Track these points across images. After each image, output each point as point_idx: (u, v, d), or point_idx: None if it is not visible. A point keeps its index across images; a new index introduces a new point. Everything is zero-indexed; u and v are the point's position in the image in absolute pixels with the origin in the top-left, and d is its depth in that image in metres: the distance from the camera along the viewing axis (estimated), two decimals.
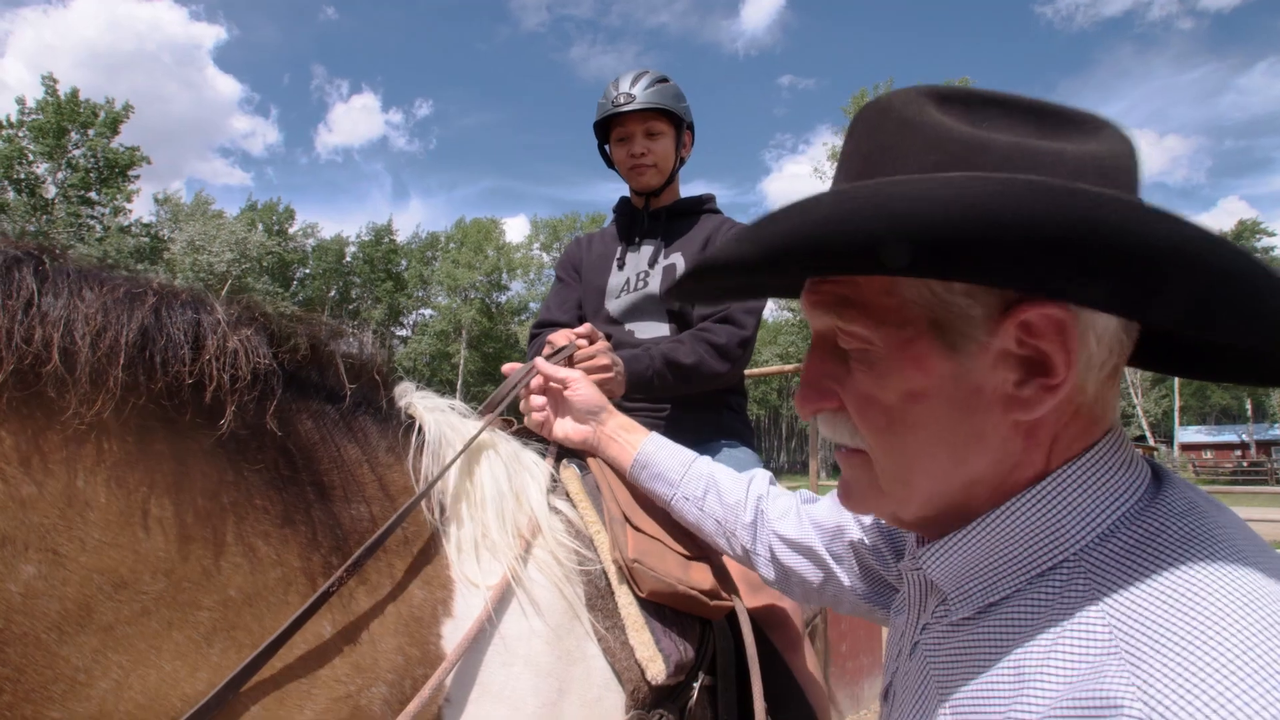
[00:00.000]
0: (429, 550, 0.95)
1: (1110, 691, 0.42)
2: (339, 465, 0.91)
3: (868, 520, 0.96)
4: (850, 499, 0.65)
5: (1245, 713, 0.37)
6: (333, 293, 52.32)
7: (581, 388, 1.26)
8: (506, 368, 1.36)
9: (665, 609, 1.09)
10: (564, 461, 1.29)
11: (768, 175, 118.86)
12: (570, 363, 1.41)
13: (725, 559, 1.22)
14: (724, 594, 1.15)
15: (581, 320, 1.98)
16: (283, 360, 0.88)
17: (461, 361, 48.40)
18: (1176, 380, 50.82)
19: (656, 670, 1.00)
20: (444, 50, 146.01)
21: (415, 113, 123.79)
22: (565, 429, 1.27)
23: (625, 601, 1.06)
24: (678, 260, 1.90)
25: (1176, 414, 51.76)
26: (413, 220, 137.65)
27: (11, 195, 34.04)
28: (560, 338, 1.45)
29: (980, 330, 0.52)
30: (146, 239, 37.60)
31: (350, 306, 53.08)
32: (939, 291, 0.52)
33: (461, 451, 1.03)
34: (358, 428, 0.97)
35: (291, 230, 49.78)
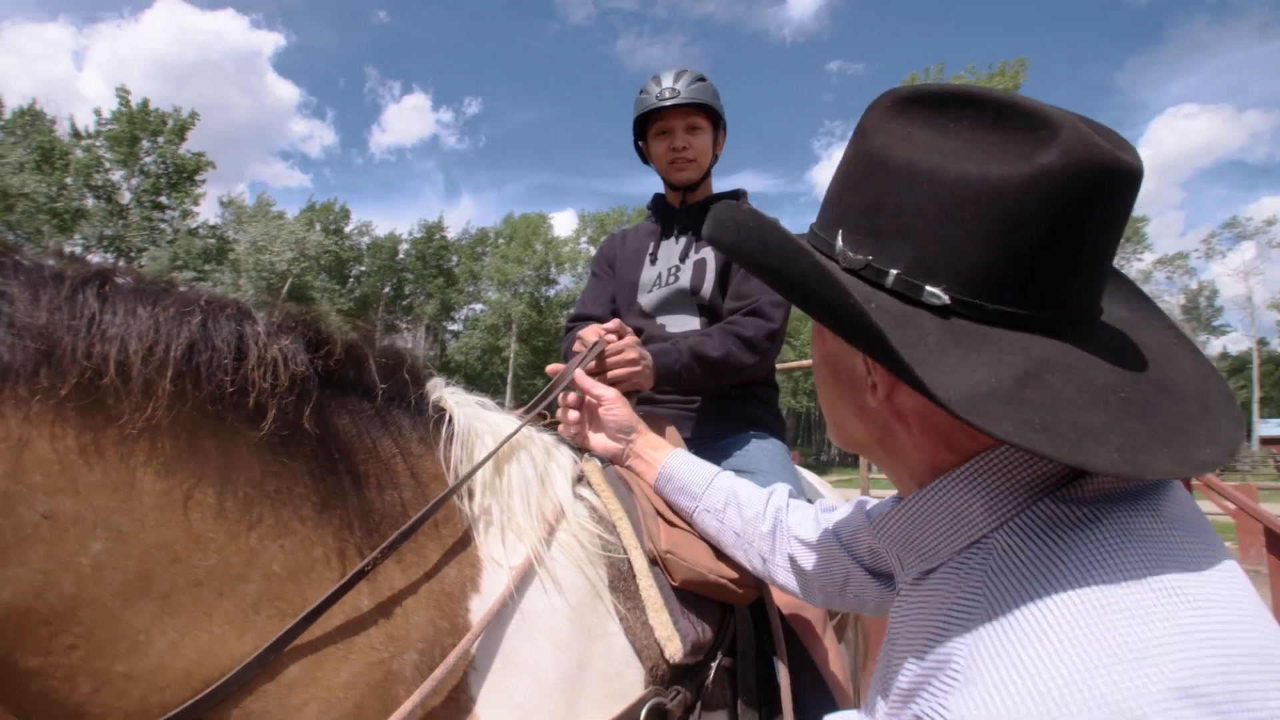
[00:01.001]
0: (458, 532, 1.02)
1: (949, 652, 0.52)
2: (374, 456, 0.98)
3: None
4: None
5: (1055, 701, 0.43)
6: (387, 289, 53.77)
7: (615, 408, 1.32)
8: (551, 368, 1.43)
9: (685, 593, 1.13)
10: (586, 455, 1.34)
11: (816, 164, 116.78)
12: (601, 358, 1.46)
13: None
14: (751, 583, 1.19)
15: (615, 314, 2.03)
16: (319, 364, 0.95)
17: (512, 355, 49.21)
18: (1256, 369, 48.11)
19: (674, 649, 1.05)
20: (493, 48, 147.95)
21: (465, 111, 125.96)
22: (598, 442, 1.35)
23: (646, 584, 1.11)
24: (708, 255, 1.93)
25: (1256, 405, 48.99)
26: (463, 217, 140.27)
27: (90, 202, 36.03)
28: (590, 334, 1.50)
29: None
30: (213, 240, 39.32)
31: (404, 302, 54.47)
32: None
33: (499, 446, 1.09)
34: (391, 421, 1.04)
35: (347, 229, 51.34)
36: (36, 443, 0.73)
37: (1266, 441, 48.63)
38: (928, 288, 0.57)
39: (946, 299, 0.56)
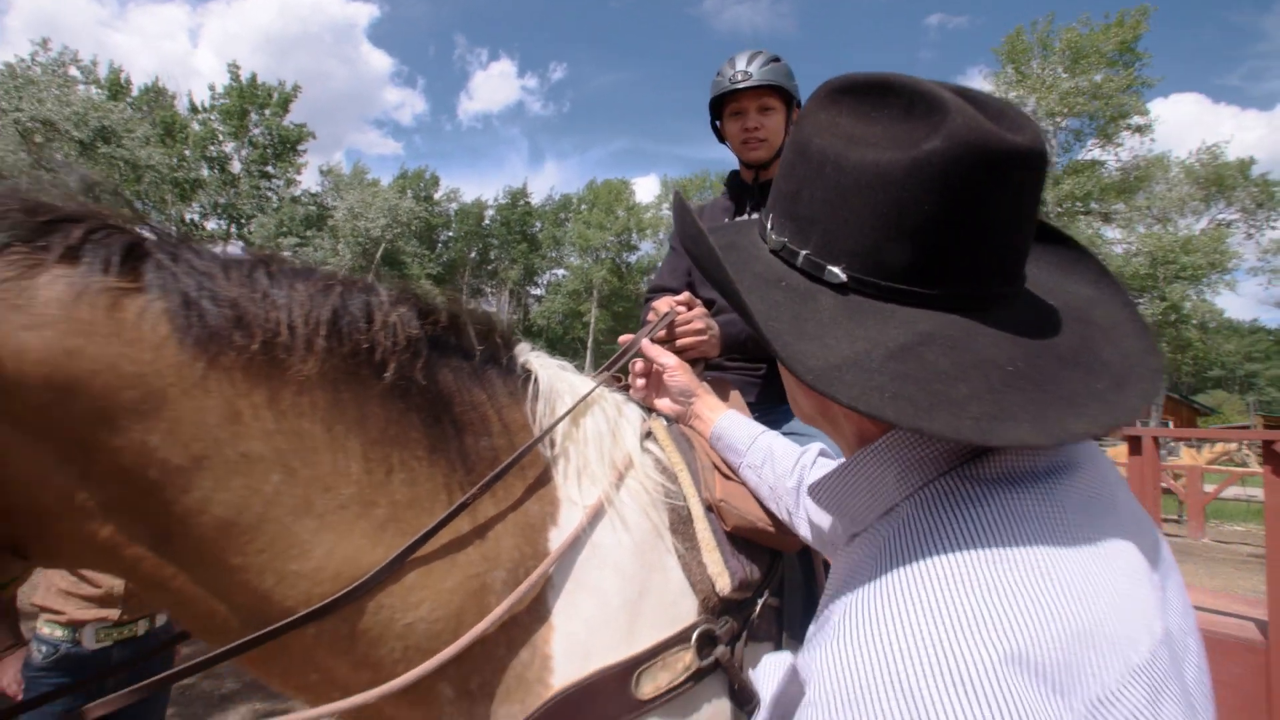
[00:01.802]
0: (541, 474, 1.20)
1: (833, 609, 0.57)
2: (471, 407, 1.17)
3: None
4: None
5: (891, 657, 0.46)
6: (473, 254, 55.41)
7: (678, 375, 1.48)
8: (622, 338, 1.59)
9: (736, 538, 1.28)
10: (654, 413, 1.50)
11: None
12: (671, 328, 1.61)
13: None
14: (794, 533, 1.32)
15: (690, 286, 2.16)
16: (428, 329, 1.14)
17: (592, 320, 49.97)
18: None
19: (724, 584, 1.20)
20: (577, 11, 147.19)
21: (550, 77, 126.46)
22: (662, 404, 1.51)
23: (701, 528, 1.26)
24: None
25: None
26: (547, 182, 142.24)
27: (205, 172, 38.68)
28: (663, 305, 1.65)
29: None
30: (314, 207, 41.53)
31: (489, 267, 56.05)
32: None
33: (578, 403, 1.26)
34: (485, 379, 1.22)
35: (436, 196, 53.04)
36: (236, 395, 0.95)
37: None
38: (829, 267, 0.63)
39: (844, 277, 0.62)
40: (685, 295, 1.69)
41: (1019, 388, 0.56)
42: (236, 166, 39.62)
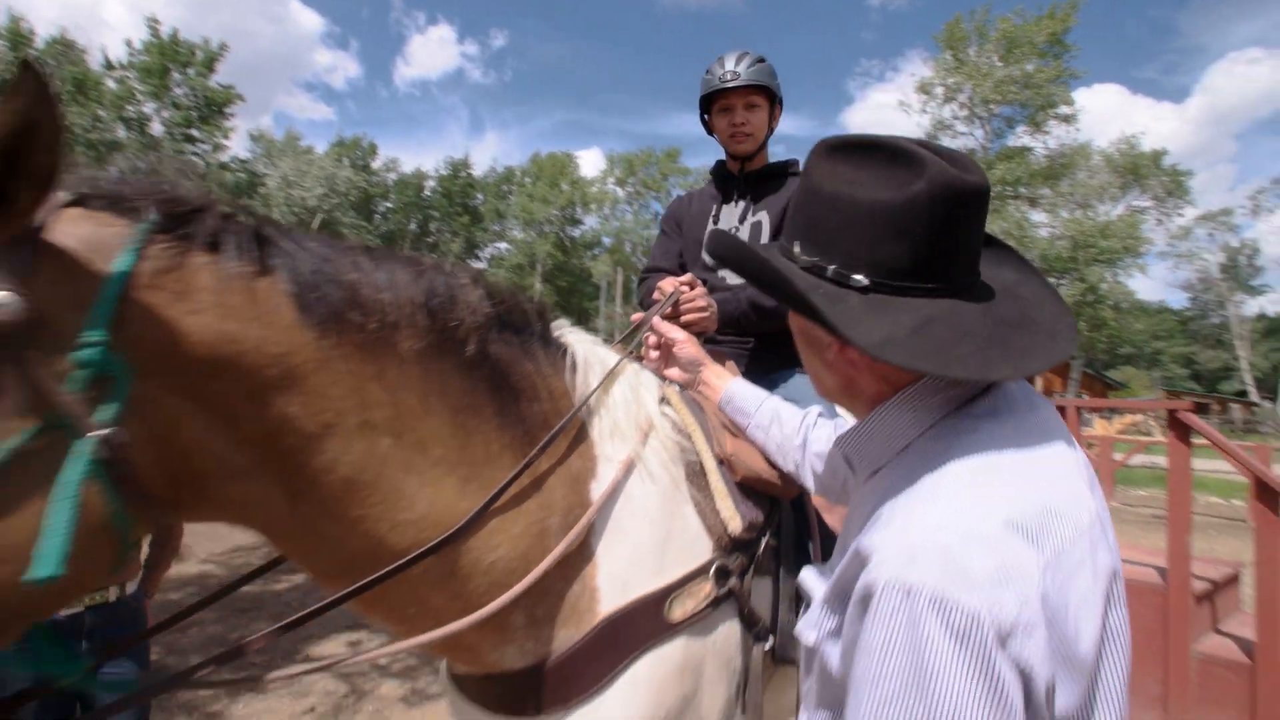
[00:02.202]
0: (581, 435, 1.37)
1: (879, 512, 0.79)
2: (524, 377, 1.32)
3: None
4: None
5: (937, 527, 0.69)
6: (412, 226, 54.00)
7: (686, 347, 1.66)
8: (634, 317, 1.76)
9: (744, 487, 1.49)
10: (667, 381, 1.68)
11: (850, 105, 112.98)
12: (676, 306, 1.79)
13: None
14: (793, 482, 1.54)
15: (683, 267, 2.35)
16: (494, 308, 1.29)
17: (536, 295, 49.44)
18: None
19: (735, 526, 1.40)
20: None
21: (491, 44, 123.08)
22: (672, 374, 1.69)
23: (714, 479, 1.46)
24: (763, 218, 2.22)
25: None
26: (488, 153, 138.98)
27: (122, 133, 36.32)
28: (669, 285, 1.83)
29: None
30: (244, 175, 39.66)
31: (429, 240, 54.73)
32: None
33: (609, 373, 1.43)
34: (533, 352, 1.36)
35: (374, 165, 51.33)
36: (356, 370, 1.09)
37: None
38: (853, 276, 0.84)
39: (866, 282, 0.83)
40: (689, 277, 1.87)
41: (994, 345, 0.81)
42: (158, 129, 37.37)
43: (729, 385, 1.62)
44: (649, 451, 1.42)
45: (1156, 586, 3.89)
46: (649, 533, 1.33)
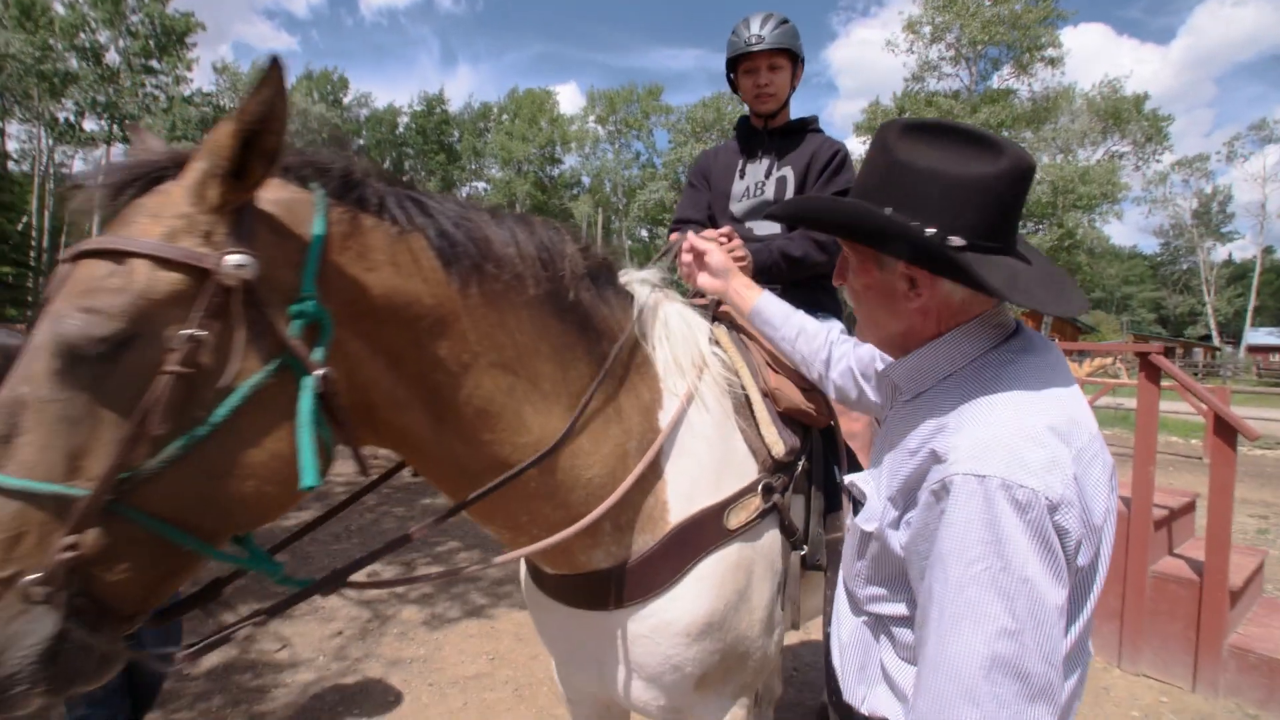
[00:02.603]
0: (649, 369, 1.56)
1: (944, 421, 0.98)
2: (603, 319, 1.50)
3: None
4: (857, 333, 1.26)
5: (999, 431, 0.89)
6: (386, 164, 52.37)
7: (716, 254, 1.77)
8: (672, 237, 1.93)
9: (784, 417, 1.71)
10: (716, 322, 1.87)
11: (833, 41, 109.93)
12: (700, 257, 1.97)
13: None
14: (826, 413, 1.75)
15: (711, 219, 2.51)
16: (586, 259, 1.47)
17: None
18: (1256, 278, 48.23)
19: (779, 450, 1.63)
20: None
21: None
22: (704, 281, 1.79)
23: (759, 409, 1.67)
24: (788, 173, 2.38)
25: (1250, 314, 49.57)
26: (462, 87, 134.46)
27: (75, 64, 34.57)
28: (711, 234, 1.99)
29: (891, 262, 1.04)
30: (209, 109, 38.10)
31: (404, 178, 53.23)
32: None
33: (639, 311, 1.59)
34: (607, 298, 1.54)
35: (345, 101, 49.57)
36: (488, 316, 1.27)
37: (1254, 349, 49.61)
38: (950, 238, 0.97)
39: (964, 243, 0.97)
40: (728, 229, 2.04)
41: (1051, 291, 1.01)
42: (114, 59, 35.61)
43: (759, 297, 1.73)
44: (704, 385, 1.62)
45: (1120, 514, 4.25)
46: (708, 455, 1.55)
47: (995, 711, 0.81)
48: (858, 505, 1.16)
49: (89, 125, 36.30)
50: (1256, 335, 51.35)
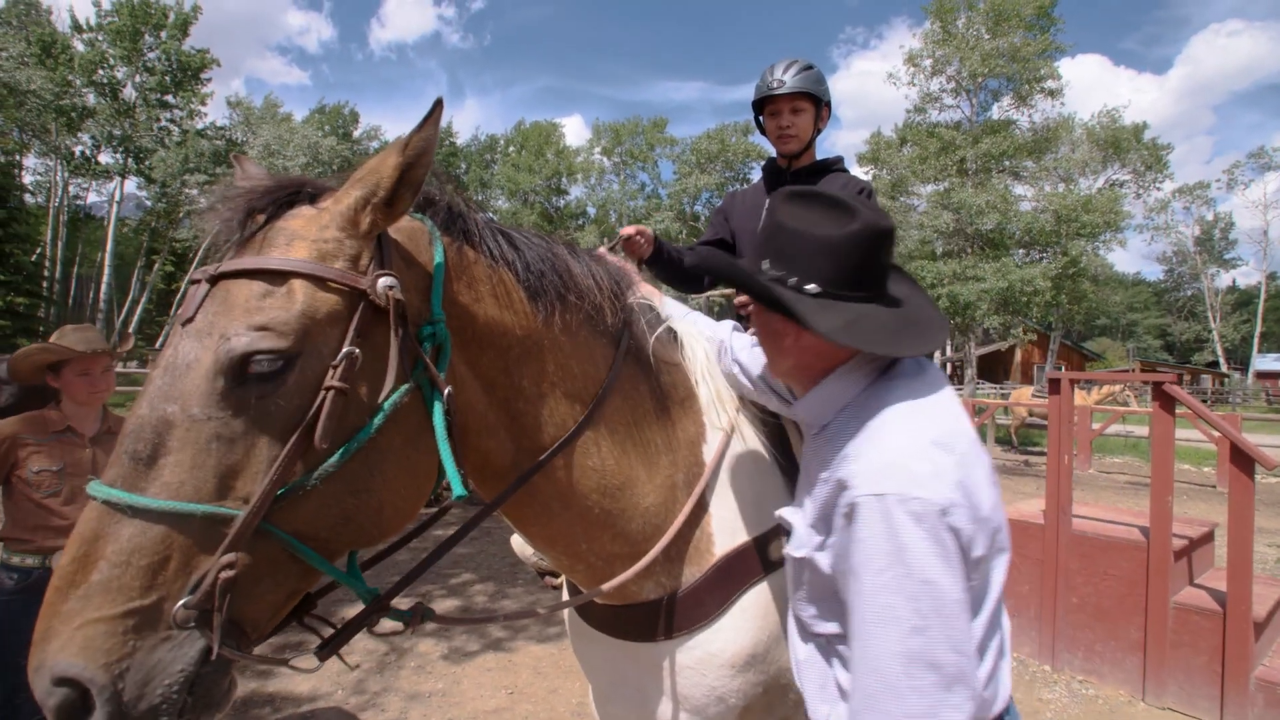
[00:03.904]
0: (694, 404, 1.62)
1: (845, 451, 1.11)
2: (654, 353, 1.56)
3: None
4: (766, 369, 1.43)
5: (889, 454, 1.03)
6: None
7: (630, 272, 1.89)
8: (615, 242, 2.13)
9: None
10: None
11: (834, 73, 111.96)
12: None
13: None
14: None
15: (728, 247, 2.69)
16: (641, 297, 1.57)
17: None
18: (1261, 304, 48.19)
19: None
20: None
21: (468, 6, 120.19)
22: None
23: (795, 443, 1.72)
24: None
25: (1256, 340, 49.39)
26: (469, 119, 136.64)
27: (92, 99, 35.26)
28: (631, 229, 2.23)
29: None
30: (221, 143, 38.74)
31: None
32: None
33: (686, 348, 1.68)
34: (654, 329, 1.61)
35: (356, 134, 50.35)
36: (564, 346, 1.37)
37: (1262, 375, 49.38)
38: (807, 286, 1.15)
39: (818, 289, 1.14)
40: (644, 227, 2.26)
41: (897, 333, 1.14)
42: (130, 94, 36.32)
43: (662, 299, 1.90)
44: (742, 419, 1.68)
45: (1139, 544, 4.24)
46: (749, 488, 1.60)
47: (915, 701, 0.92)
48: (787, 535, 1.26)
49: (104, 158, 36.90)
50: (1264, 361, 51.16)
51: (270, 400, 0.96)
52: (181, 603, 0.90)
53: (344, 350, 1.00)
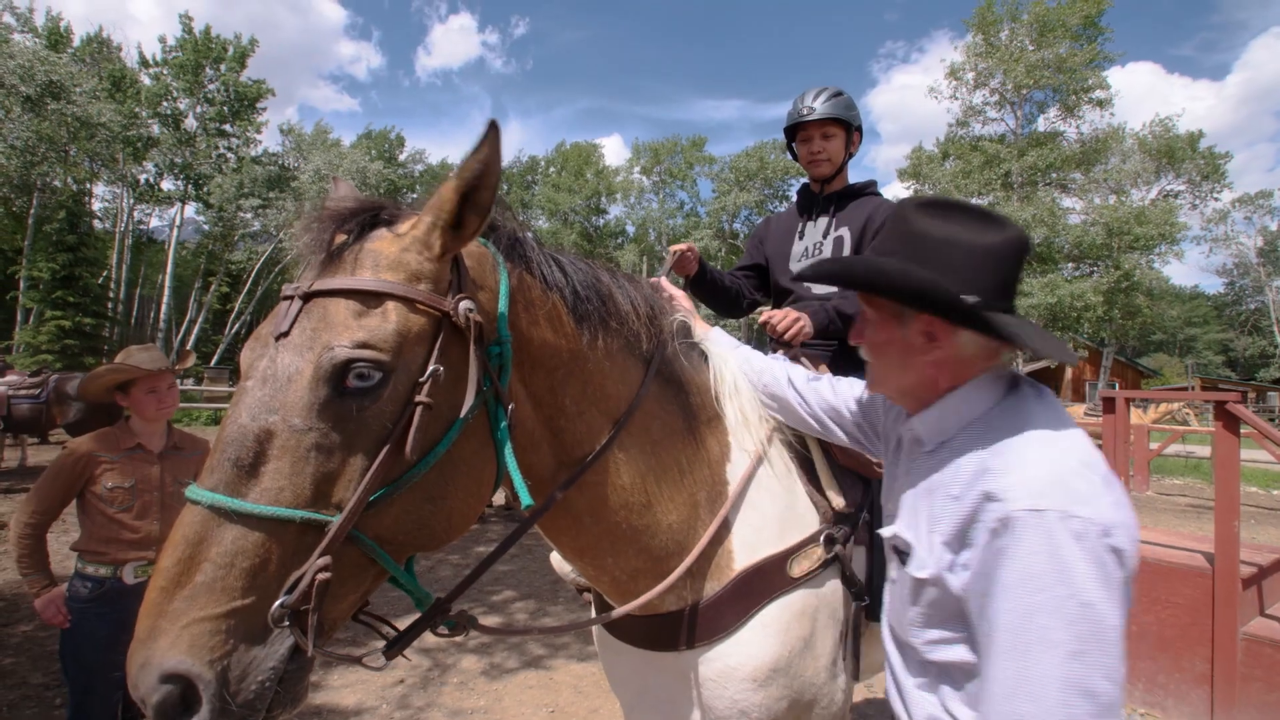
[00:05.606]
0: (719, 424, 1.65)
1: (986, 464, 1.05)
2: (684, 372, 1.61)
3: (855, 405, 1.55)
4: (868, 385, 1.31)
5: (1046, 469, 0.97)
6: None
7: (683, 302, 1.88)
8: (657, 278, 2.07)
9: (845, 470, 1.76)
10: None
11: (874, 88, 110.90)
12: (776, 328, 2.09)
13: None
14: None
15: (761, 273, 2.69)
16: (676, 320, 1.60)
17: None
18: None
19: (839, 503, 1.68)
20: None
21: (512, 32, 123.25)
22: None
23: (821, 466, 1.73)
24: (845, 233, 2.45)
25: None
26: (512, 141, 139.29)
27: (157, 130, 37.08)
28: (681, 246, 2.26)
29: (911, 318, 1.13)
30: (274, 168, 40.27)
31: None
32: (897, 303, 1.14)
33: (715, 369, 1.70)
34: (686, 352, 1.65)
35: (401, 157, 51.85)
36: (603, 364, 1.41)
37: None
38: (965, 297, 1.08)
39: (977, 300, 1.09)
40: (691, 244, 2.27)
41: (1044, 341, 1.10)
42: (191, 123, 38.10)
43: (711, 330, 1.86)
44: (770, 442, 1.69)
45: (1204, 571, 4.06)
46: (771, 507, 1.61)
47: None
48: (903, 555, 1.20)
49: (166, 185, 38.69)
50: None
51: (365, 413, 1.03)
52: (279, 602, 0.96)
53: (430, 368, 1.07)
